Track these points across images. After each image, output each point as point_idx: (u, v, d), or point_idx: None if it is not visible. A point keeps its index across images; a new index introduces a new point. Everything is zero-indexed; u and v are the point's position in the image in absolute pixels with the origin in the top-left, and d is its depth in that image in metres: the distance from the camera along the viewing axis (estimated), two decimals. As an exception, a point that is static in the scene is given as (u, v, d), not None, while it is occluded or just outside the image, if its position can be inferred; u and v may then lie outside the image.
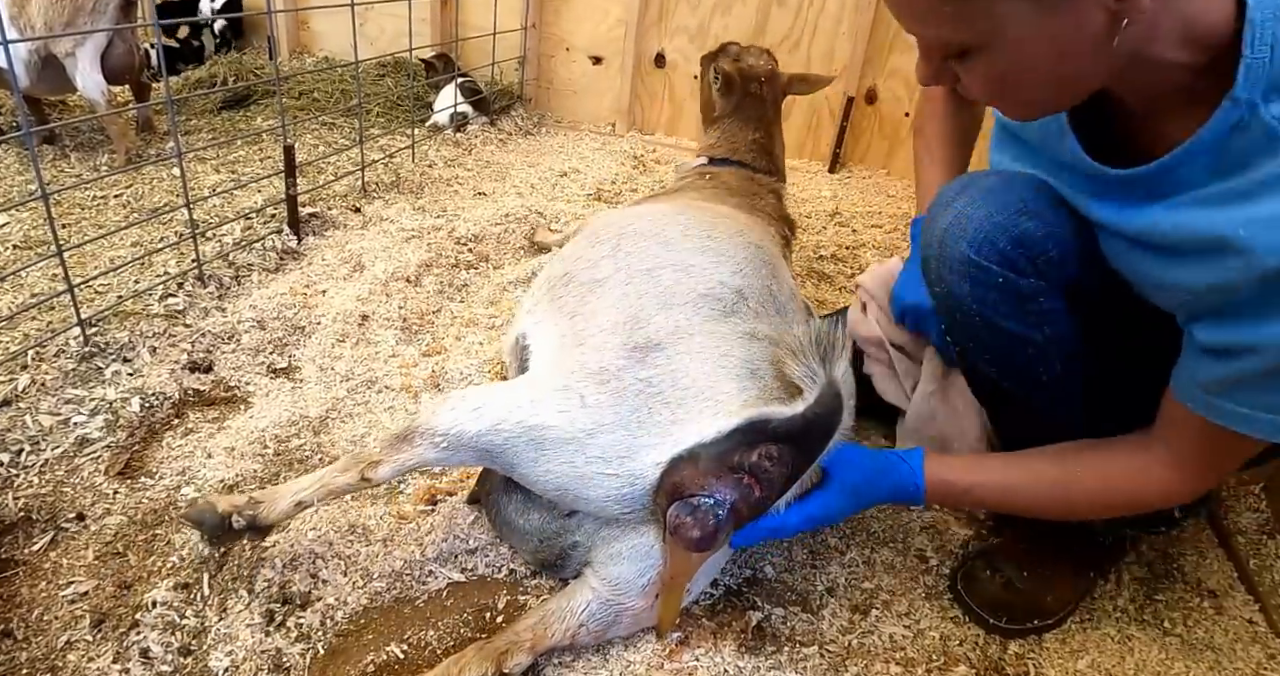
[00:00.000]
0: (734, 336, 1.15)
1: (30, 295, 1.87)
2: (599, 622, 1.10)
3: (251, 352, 1.75)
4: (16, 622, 1.11)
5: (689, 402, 1.06)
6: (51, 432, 1.44)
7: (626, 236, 1.33)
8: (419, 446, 1.09)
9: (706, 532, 0.97)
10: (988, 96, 0.93)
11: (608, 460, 1.04)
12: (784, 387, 1.10)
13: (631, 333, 1.14)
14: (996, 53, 0.84)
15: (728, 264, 1.27)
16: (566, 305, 1.25)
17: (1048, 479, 1.11)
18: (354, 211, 2.51)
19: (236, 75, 3.53)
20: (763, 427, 1.01)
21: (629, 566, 1.09)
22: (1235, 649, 1.29)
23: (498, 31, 3.45)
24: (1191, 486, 1.04)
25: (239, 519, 1.12)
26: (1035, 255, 1.05)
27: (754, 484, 0.99)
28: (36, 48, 2.53)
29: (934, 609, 1.31)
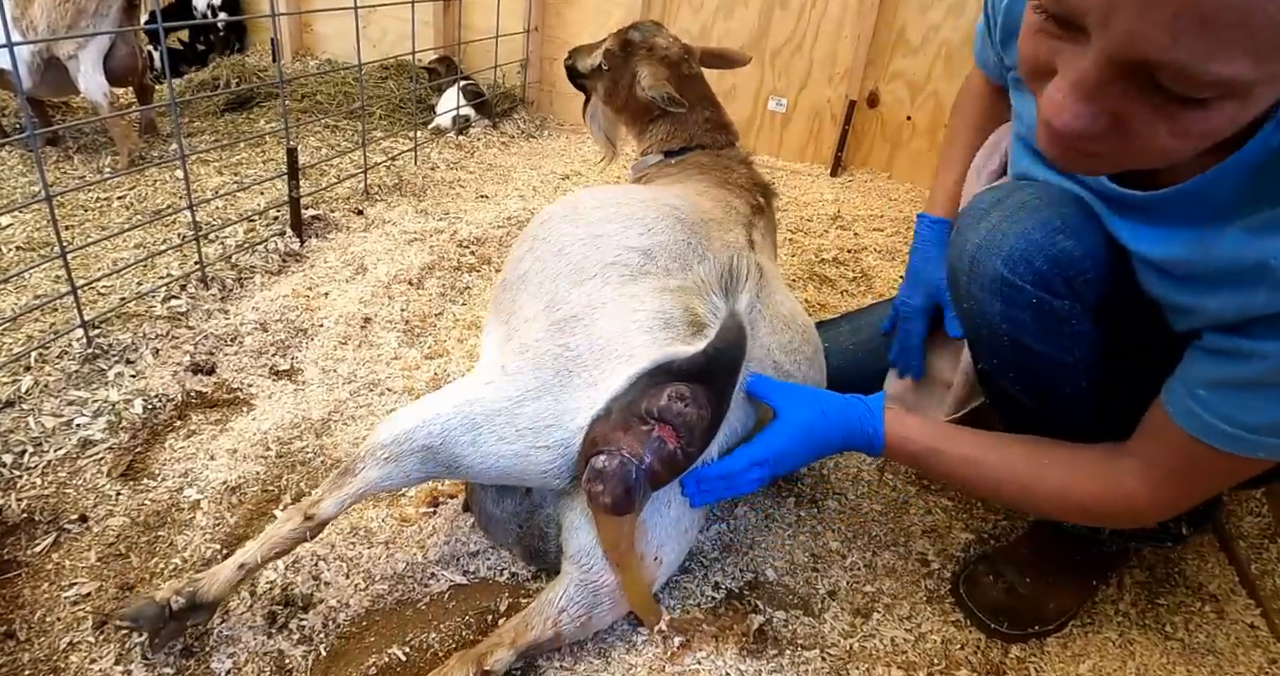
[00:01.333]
0: (646, 293, 1.12)
1: (34, 296, 1.87)
2: (579, 606, 1.07)
3: (254, 355, 1.75)
4: (19, 623, 1.12)
5: (604, 362, 1.04)
6: (54, 434, 1.44)
7: (544, 224, 1.31)
8: (361, 469, 1.07)
9: (617, 495, 0.92)
10: (1171, 156, 0.71)
11: (537, 431, 1.02)
12: (694, 331, 1.07)
13: (551, 315, 1.13)
14: (1251, 101, 0.63)
15: (635, 227, 1.24)
16: (502, 308, 1.25)
17: (1014, 465, 1.06)
18: (356, 214, 2.52)
19: (239, 77, 3.54)
20: (666, 368, 0.98)
21: (584, 535, 1.06)
22: (1237, 653, 1.29)
23: (500, 34, 3.46)
24: (1158, 503, 0.99)
25: (178, 599, 1.04)
26: (1072, 276, 1.00)
27: (667, 434, 0.94)
28: (39, 50, 2.53)
29: (935, 612, 1.31)
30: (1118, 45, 0.61)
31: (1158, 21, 0.57)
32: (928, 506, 1.53)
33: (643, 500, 0.95)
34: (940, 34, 3.09)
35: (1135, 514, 1.02)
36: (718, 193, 1.59)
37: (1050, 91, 0.69)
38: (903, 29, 3.15)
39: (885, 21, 3.16)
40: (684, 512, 1.13)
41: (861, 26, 3.17)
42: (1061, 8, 0.65)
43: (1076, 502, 1.03)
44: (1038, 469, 1.05)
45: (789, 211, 2.93)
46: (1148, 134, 0.67)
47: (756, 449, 1.05)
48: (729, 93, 3.47)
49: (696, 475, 1.04)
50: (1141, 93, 0.64)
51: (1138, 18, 0.58)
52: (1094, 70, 0.65)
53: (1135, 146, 0.69)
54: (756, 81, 3.44)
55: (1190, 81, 0.60)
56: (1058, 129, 0.69)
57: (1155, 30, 0.58)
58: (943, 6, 3.05)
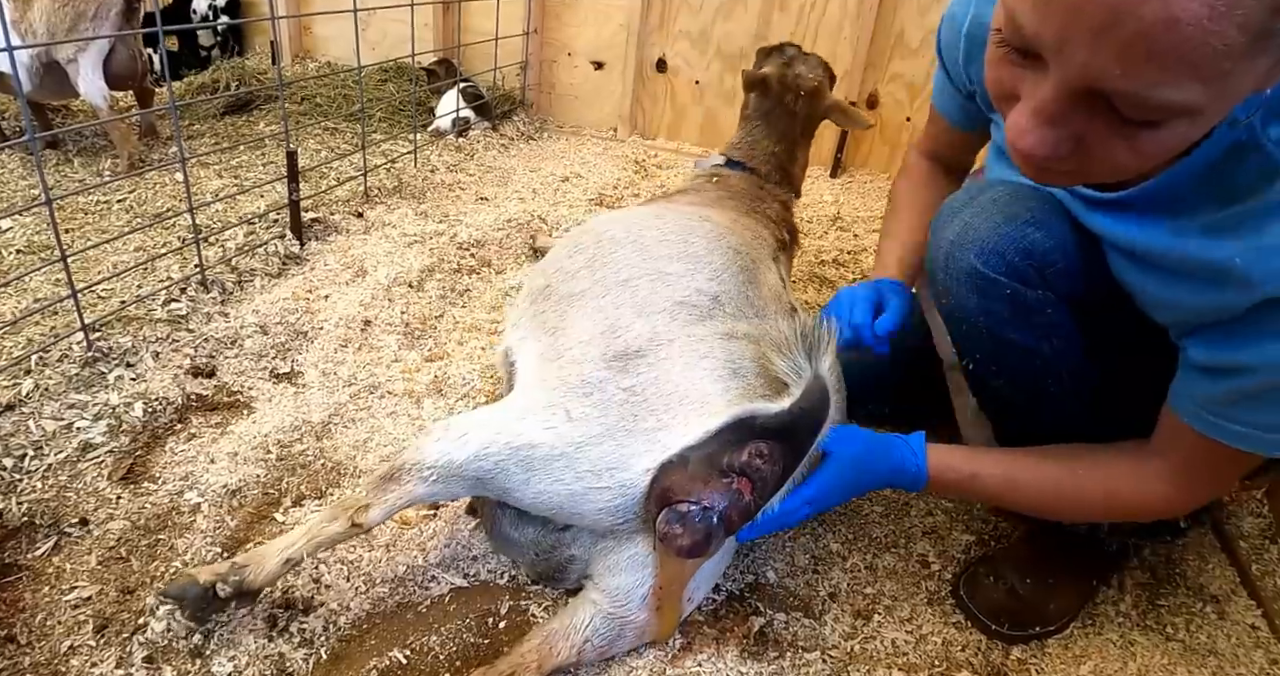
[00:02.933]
0: (713, 338, 1.14)
1: (34, 300, 1.87)
2: (603, 638, 1.09)
3: (254, 357, 1.76)
4: (20, 627, 1.11)
5: (674, 407, 1.06)
6: (55, 437, 1.44)
7: (603, 245, 1.32)
8: (407, 483, 1.07)
9: (696, 540, 0.95)
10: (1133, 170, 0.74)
11: (598, 473, 1.03)
12: (768, 384, 1.09)
13: (610, 342, 1.14)
14: (1202, 119, 0.67)
15: (704, 270, 1.26)
16: (548, 320, 1.25)
17: (1052, 476, 1.09)
18: (356, 216, 2.52)
19: (239, 80, 3.54)
20: (750, 424, 0.99)
21: (627, 577, 1.08)
22: (1238, 654, 1.29)
23: (500, 36, 3.46)
24: (1189, 499, 1.03)
25: (224, 587, 1.06)
26: (1043, 267, 1.04)
27: (744, 487, 0.97)
28: (38, 53, 2.54)
29: (936, 614, 1.31)
30: (1073, 75, 0.65)
31: (1109, 53, 0.61)
32: (928, 508, 1.53)
33: (717, 547, 0.98)
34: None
35: (1169, 509, 1.07)
36: (747, 220, 1.62)
37: (1015, 117, 0.73)
38: (901, 31, 3.15)
39: (884, 23, 3.16)
40: (722, 557, 1.16)
41: (860, 28, 3.18)
42: (1020, 40, 0.68)
43: (1118, 506, 1.07)
44: (1075, 479, 1.08)
45: (789, 213, 2.93)
46: (1107, 153, 0.71)
47: (809, 490, 1.07)
48: (730, 94, 3.48)
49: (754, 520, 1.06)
50: (1099, 116, 0.68)
51: (1090, 50, 0.62)
52: (1053, 97, 0.68)
53: (1097, 163, 0.73)
54: (756, 83, 3.44)
55: (1142, 106, 0.64)
56: (1024, 151, 0.73)
57: (1107, 61, 0.61)
58: (941, 8, 3.03)
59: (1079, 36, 0.62)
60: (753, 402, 1.04)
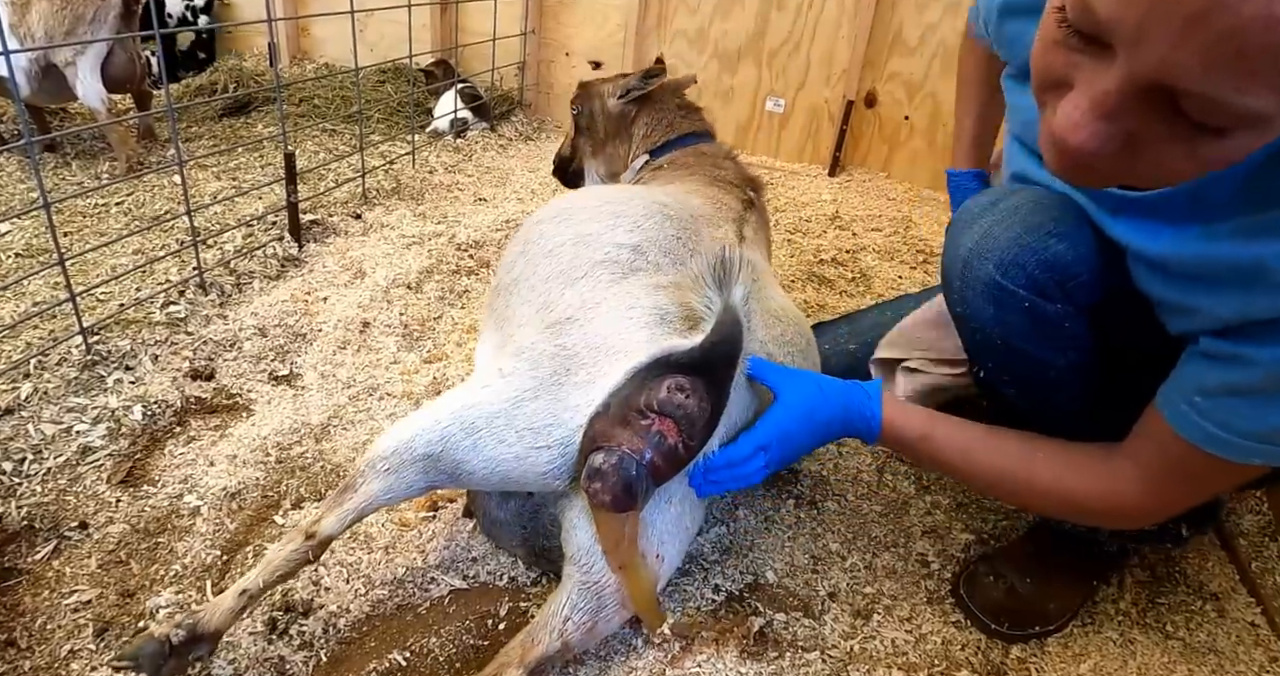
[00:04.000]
0: (639, 290, 1.12)
1: (32, 303, 1.87)
2: (583, 611, 1.05)
3: (253, 360, 1.76)
4: (20, 631, 1.12)
5: (602, 359, 1.04)
6: (54, 441, 1.44)
7: (533, 228, 1.32)
8: (362, 484, 1.05)
9: (616, 493, 0.90)
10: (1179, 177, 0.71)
11: (536, 431, 1.01)
12: (693, 326, 1.07)
13: (544, 316, 1.13)
14: (1269, 132, 0.62)
15: (622, 224, 1.24)
16: (496, 312, 1.25)
17: (1008, 456, 1.06)
18: (355, 218, 2.52)
19: (237, 82, 3.54)
20: (664, 362, 0.97)
21: (586, 534, 1.04)
22: (1238, 652, 1.29)
23: (497, 37, 3.46)
24: (1148, 508, 0.98)
25: (178, 632, 1.00)
26: (1064, 280, 1.00)
27: (668, 428, 0.93)
28: (37, 57, 2.53)
29: (936, 613, 1.31)
30: (1147, 69, 0.60)
31: (1193, 50, 0.56)
32: (928, 507, 1.53)
33: (645, 497, 0.94)
34: (937, 34, 3.09)
35: (1128, 516, 1.02)
36: (707, 190, 1.59)
37: (1067, 108, 0.67)
38: (900, 29, 3.15)
39: (882, 21, 3.16)
40: (685, 509, 1.11)
41: (858, 26, 3.17)
42: (1090, 24, 0.62)
43: (1070, 501, 1.03)
44: (1032, 464, 1.04)
45: (787, 212, 2.93)
46: (1161, 156, 0.66)
47: (758, 433, 1.05)
48: (727, 94, 3.48)
49: (702, 467, 1.03)
50: (1161, 117, 0.63)
51: (1173, 44, 0.56)
52: (1116, 90, 0.63)
53: (1146, 166, 0.68)
54: (754, 82, 3.44)
55: (1215, 112, 0.59)
56: (1073, 146, 0.67)
57: (1189, 58, 0.56)
58: (939, 6, 3.05)
59: (1164, 26, 0.56)
60: (669, 340, 1.01)
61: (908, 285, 2.42)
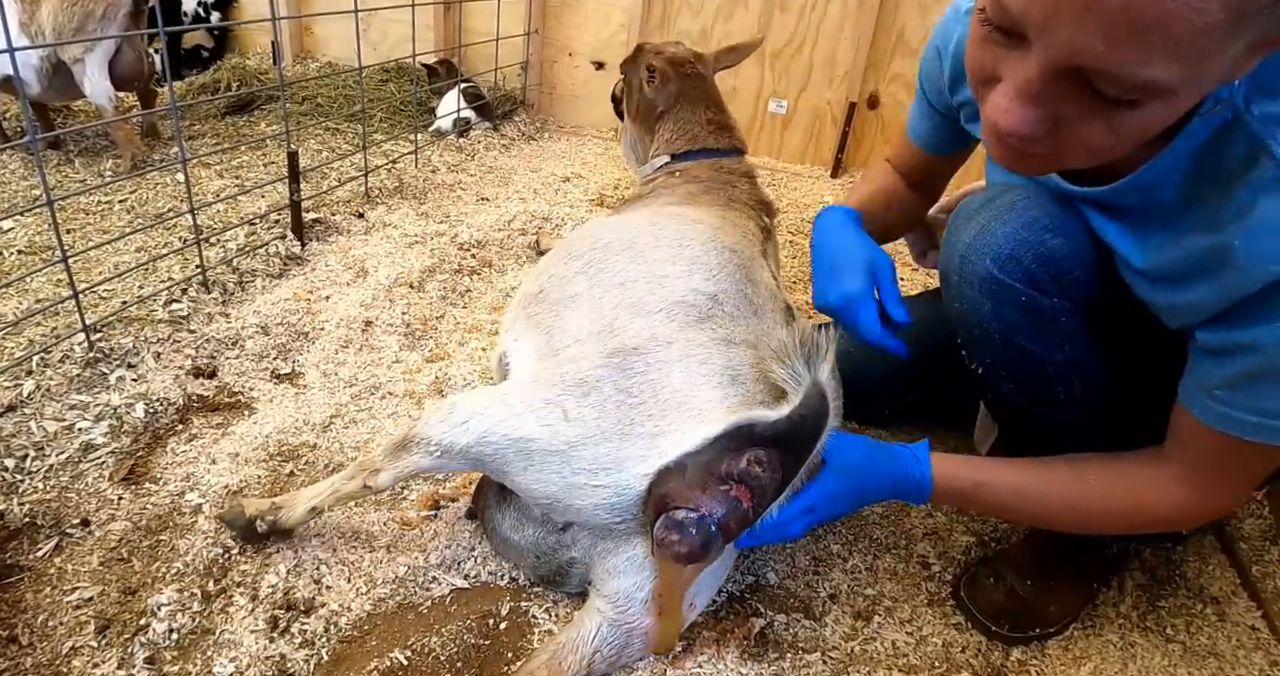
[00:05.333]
0: (711, 343, 1.14)
1: (35, 301, 1.87)
2: (612, 647, 1.08)
3: (255, 358, 1.76)
4: (21, 628, 1.12)
5: (671, 413, 1.06)
6: (56, 438, 1.44)
7: (598, 251, 1.33)
8: (415, 455, 1.13)
9: (693, 548, 0.94)
10: (1107, 153, 0.76)
11: (594, 472, 1.04)
12: (767, 391, 1.09)
13: (607, 340, 1.14)
14: (1179, 99, 0.68)
15: (700, 271, 1.26)
16: (542, 321, 1.26)
17: (1060, 485, 1.07)
18: (357, 217, 2.52)
19: (240, 81, 3.54)
20: (748, 432, 0.99)
21: (627, 580, 1.08)
22: (1238, 655, 1.29)
23: (501, 37, 3.46)
24: (1209, 504, 1.00)
25: (262, 523, 1.22)
26: (1060, 274, 1.02)
27: (743, 494, 0.97)
28: (48, 54, 2.54)
29: (937, 615, 1.31)
30: (1058, 53, 0.66)
31: (1094, 31, 0.62)
32: (928, 510, 1.53)
33: (716, 554, 0.98)
34: (940, 36, 3.08)
35: (1189, 516, 1.03)
36: (728, 214, 1.61)
37: (996, 97, 0.74)
38: (902, 31, 3.15)
39: (885, 23, 3.16)
40: (723, 562, 1.16)
41: (861, 28, 3.18)
42: (1005, 18, 0.69)
43: (1132, 516, 1.04)
44: (1085, 489, 1.05)
45: (789, 213, 2.93)
46: (1085, 133, 0.73)
47: (807, 497, 1.06)
48: (729, 94, 3.48)
49: (753, 528, 1.05)
50: (1078, 96, 0.69)
51: (1075, 28, 0.63)
52: (1036, 75, 0.70)
53: (1074, 145, 0.74)
54: (757, 83, 3.45)
55: (1122, 84, 0.66)
56: (1004, 130, 0.74)
57: (1092, 39, 0.63)
58: (942, 8, 3.04)
59: (1066, 13, 0.63)
60: (751, 410, 1.04)
61: (908, 287, 2.42)
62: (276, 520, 1.22)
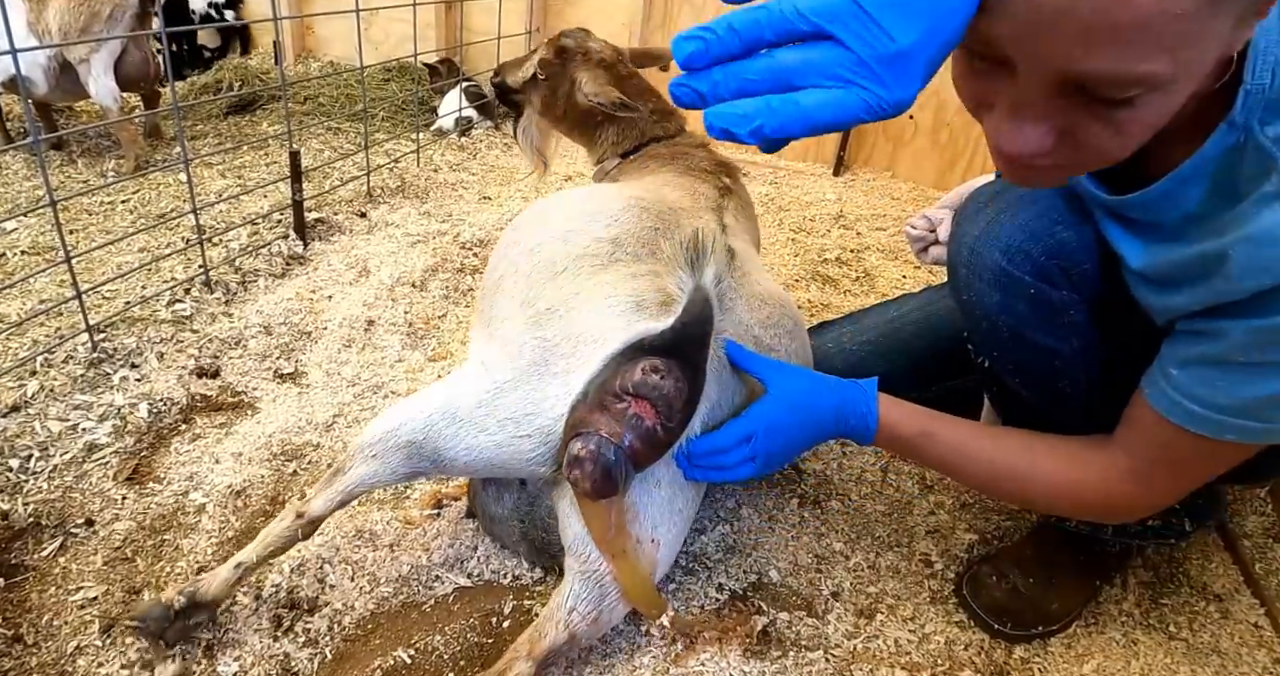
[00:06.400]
0: (618, 280, 1.12)
1: (39, 301, 1.88)
2: (587, 601, 1.05)
3: (258, 358, 1.76)
4: (26, 627, 1.12)
5: (580, 349, 1.04)
6: (60, 438, 1.45)
7: (514, 230, 1.33)
8: (351, 468, 1.09)
9: (596, 478, 0.90)
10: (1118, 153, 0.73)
11: (517, 420, 1.03)
12: (666, 309, 1.07)
13: (526, 310, 1.14)
14: (1177, 86, 0.66)
15: (600, 219, 1.24)
16: (483, 315, 1.26)
17: (1007, 453, 1.06)
18: (360, 216, 2.52)
19: (242, 81, 3.55)
20: (639, 346, 0.97)
21: (578, 523, 1.05)
22: (1241, 653, 1.29)
23: (502, 36, 3.46)
24: (1142, 499, 1.00)
25: (179, 599, 1.07)
26: (1070, 267, 1.02)
27: (644, 409, 0.93)
28: (55, 54, 2.54)
29: (939, 613, 1.31)
30: (1043, 68, 0.65)
31: (1072, 39, 0.61)
32: (931, 507, 1.53)
33: (626, 482, 0.93)
34: (942, 33, 3.08)
35: (1122, 507, 1.03)
36: (682, 181, 1.57)
37: (994, 121, 0.73)
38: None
39: (887, 21, 3.15)
40: (676, 491, 1.11)
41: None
42: (984, 46, 0.68)
43: (1067, 495, 1.04)
44: (1031, 459, 1.05)
45: (791, 211, 2.93)
46: (1089, 138, 0.71)
47: (744, 422, 1.04)
48: (731, 93, 3.47)
49: (685, 450, 1.03)
50: (1074, 104, 0.68)
51: (1050, 39, 0.62)
52: (1027, 94, 0.68)
53: (1084, 151, 0.72)
54: (758, 81, 3.44)
55: (1114, 84, 0.64)
56: (1011, 153, 0.73)
57: (1072, 47, 0.62)
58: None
59: (1040, 29, 0.62)
60: (641, 324, 1.02)
61: (911, 285, 2.42)
62: (195, 590, 1.08)
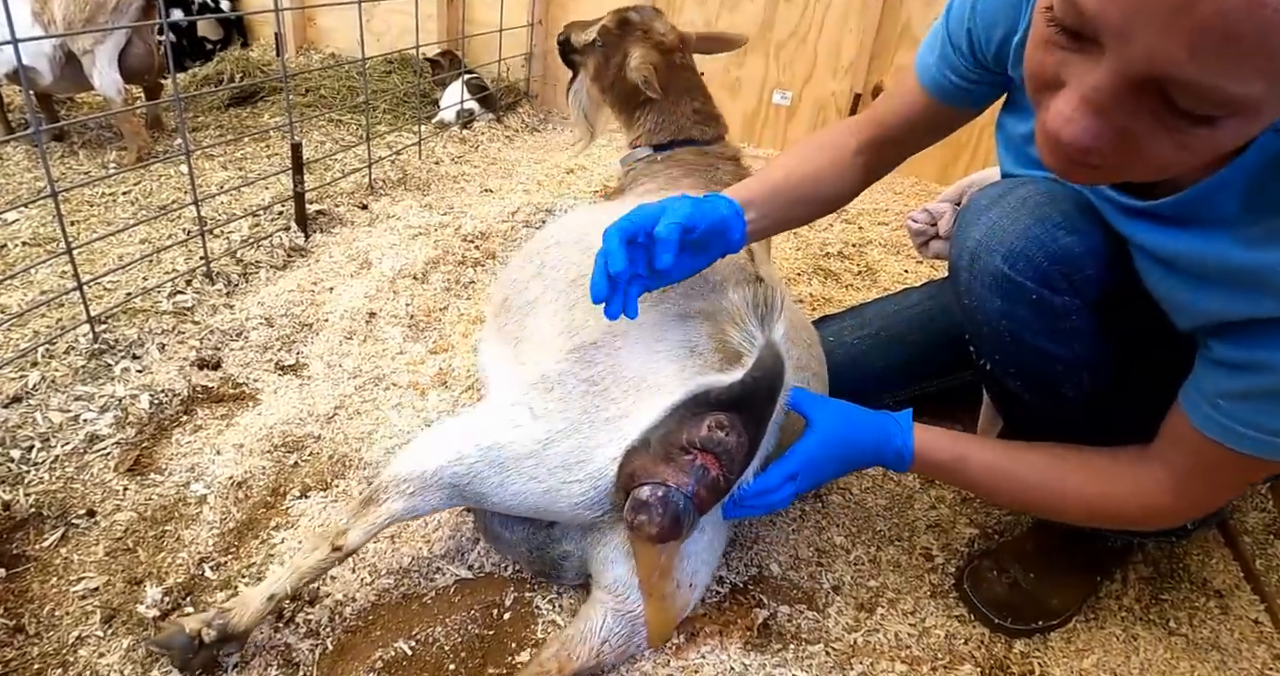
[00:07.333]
0: (668, 320, 1.13)
1: (40, 292, 1.88)
2: (619, 637, 1.08)
3: (259, 350, 1.76)
4: (28, 618, 1.12)
5: (633, 394, 1.05)
6: (62, 429, 1.45)
7: (551, 250, 1.32)
8: (386, 501, 1.08)
9: (663, 525, 0.92)
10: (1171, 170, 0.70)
11: (568, 468, 1.03)
12: (727, 359, 1.08)
13: (569, 339, 1.14)
14: (1262, 117, 0.62)
15: None
16: (509, 331, 1.25)
17: (1039, 471, 1.06)
18: (361, 208, 2.52)
19: (243, 72, 3.54)
20: (704, 399, 0.98)
21: (622, 568, 1.07)
22: (1240, 649, 1.29)
23: (504, 28, 3.45)
24: (1187, 508, 1.00)
25: (209, 632, 1.04)
26: (1072, 273, 1.00)
27: (709, 462, 0.95)
28: (60, 44, 2.54)
29: (939, 607, 1.31)
30: (1135, 61, 0.59)
31: (1180, 39, 0.56)
32: (932, 501, 1.53)
33: (690, 528, 0.96)
34: (945, 27, 3.07)
35: (1161, 517, 1.02)
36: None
37: (1059, 105, 0.68)
38: (908, 22, 3.14)
39: (890, 14, 3.15)
40: (716, 534, 1.15)
41: (866, 19, 3.16)
42: (1077, 20, 0.62)
43: (1103, 508, 1.04)
44: (1062, 475, 1.05)
45: (793, 205, 2.92)
46: (1153, 148, 0.66)
47: (789, 463, 1.05)
48: (734, 85, 3.47)
49: (735, 496, 1.04)
50: (1151, 109, 0.63)
51: (1159, 35, 0.56)
52: (1107, 85, 0.63)
53: (1139, 159, 0.68)
54: (761, 75, 3.43)
55: (1204, 100, 0.59)
56: (1066, 142, 0.67)
57: (1177, 48, 0.56)
58: (948, -1, 3.03)
59: (1149, 18, 0.56)
60: (706, 376, 1.02)
61: (913, 279, 2.41)
62: (226, 624, 1.05)
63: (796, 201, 1.24)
